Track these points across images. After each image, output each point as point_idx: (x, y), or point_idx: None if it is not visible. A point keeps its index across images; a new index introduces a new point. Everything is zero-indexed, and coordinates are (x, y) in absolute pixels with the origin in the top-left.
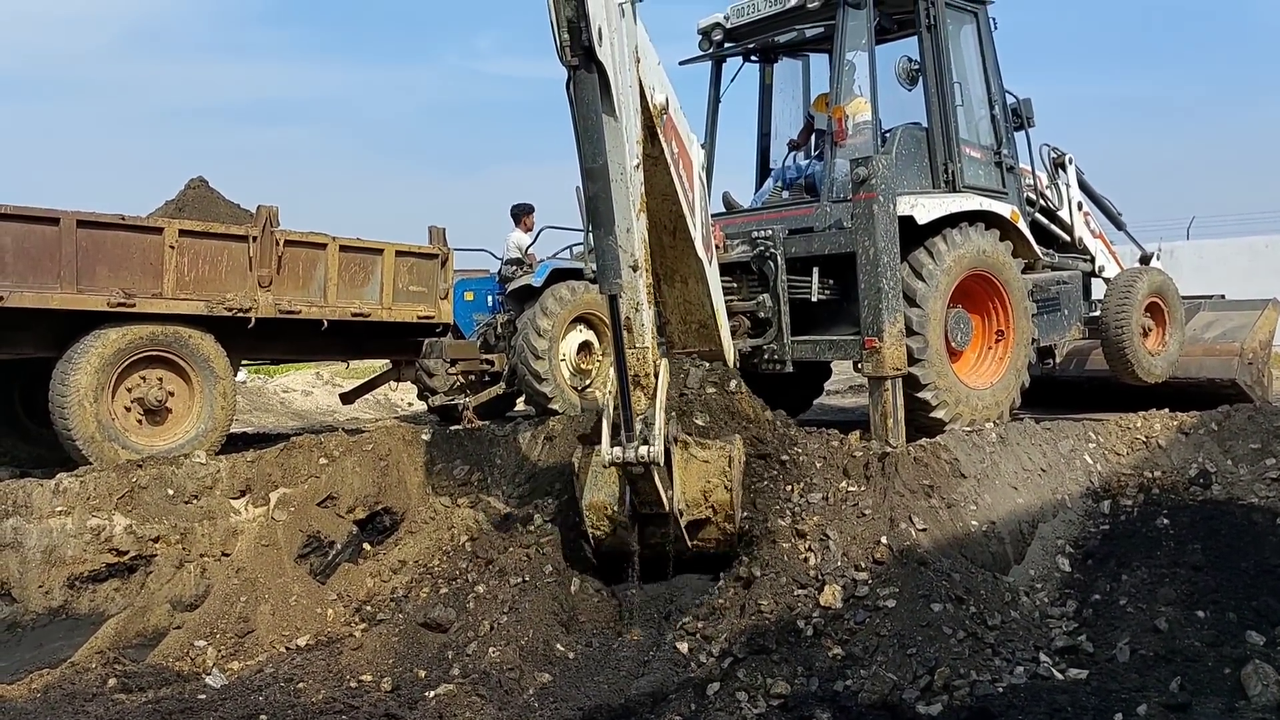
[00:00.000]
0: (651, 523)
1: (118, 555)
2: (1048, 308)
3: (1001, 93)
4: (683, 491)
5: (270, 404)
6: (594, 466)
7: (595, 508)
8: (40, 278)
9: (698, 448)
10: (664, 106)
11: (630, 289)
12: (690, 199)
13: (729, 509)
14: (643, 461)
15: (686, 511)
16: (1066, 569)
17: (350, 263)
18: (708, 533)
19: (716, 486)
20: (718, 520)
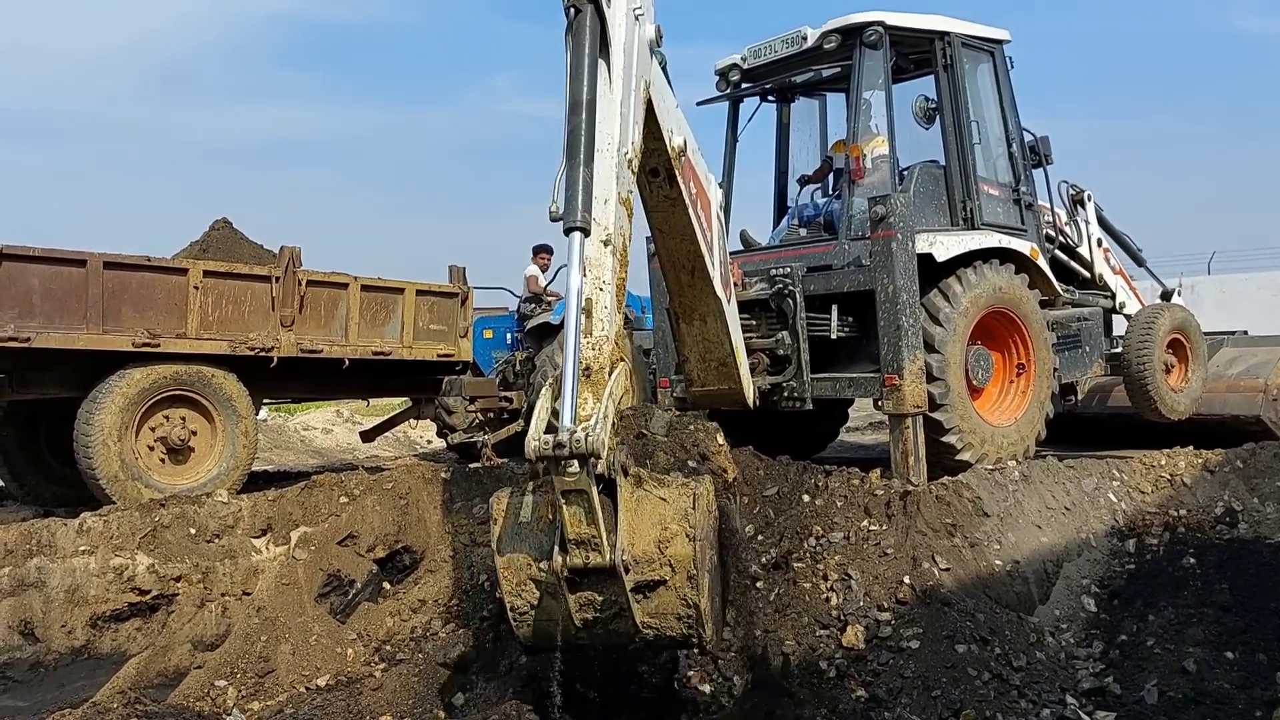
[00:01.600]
0: (589, 586)
1: (140, 594)
2: (1069, 345)
3: (1019, 130)
4: (630, 540)
5: (291, 442)
6: (514, 510)
7: (514, 567)
8: (67, 319)
9: (654, 484)
10: (682, 149)
11: (597, 254)
12: (709, 238)
13: (690, 569)
14: (578, 452)
15: (634, 568)
16: (1092, 609)
17: (371, 302)
18: (663, 602)
19: (676, 535)
20: (675, 583)
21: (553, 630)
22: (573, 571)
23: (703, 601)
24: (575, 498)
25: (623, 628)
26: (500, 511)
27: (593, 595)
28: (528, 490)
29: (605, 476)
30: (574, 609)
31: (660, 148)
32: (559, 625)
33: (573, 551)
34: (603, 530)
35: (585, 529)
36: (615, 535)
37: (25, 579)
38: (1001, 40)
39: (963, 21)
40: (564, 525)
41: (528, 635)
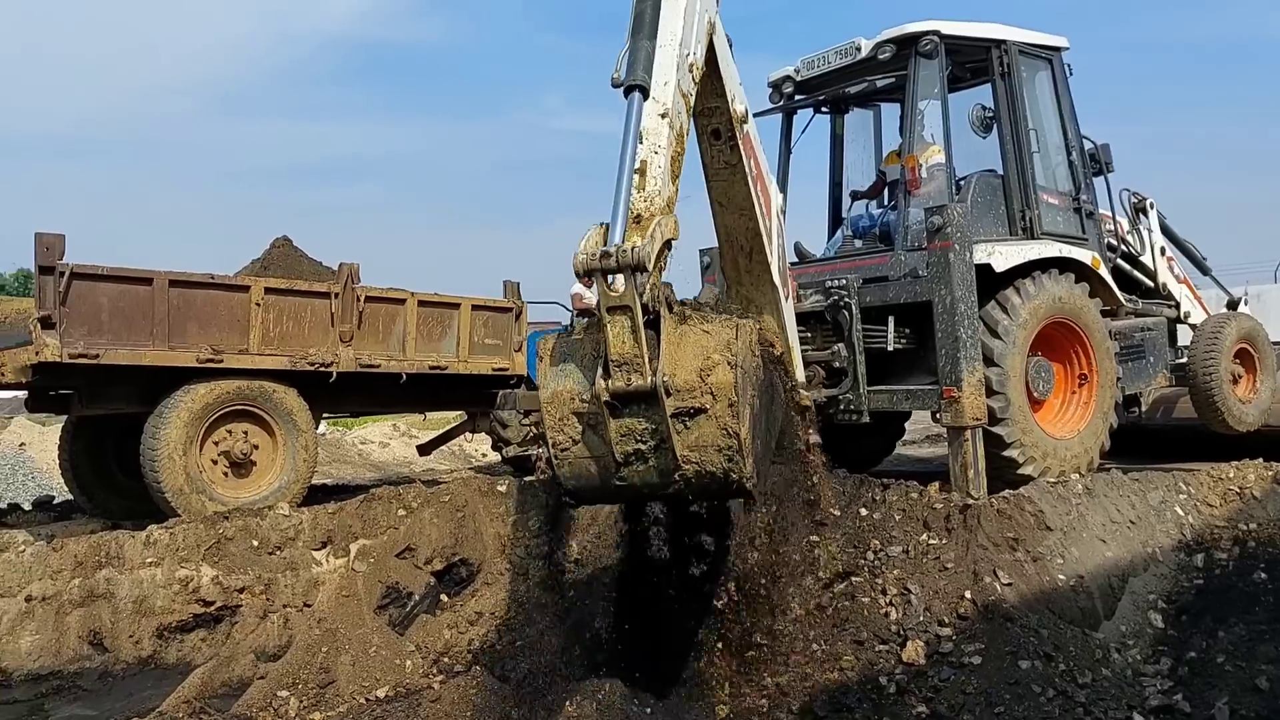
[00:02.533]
0: (630, 413)
1: (204, 606)
2: (1132, 355)
3: (1079, 138)
4: (672, 370)
5: (349, 455)
6: (561, 348)
7: (558, 399)
8: (134, 335)
9: (698, 319)
10: (744, 117)
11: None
12: (767, 225)
13: (732, 395)
14: (625, 264)
15: (675, 395)
16: (1159, 625)
17: (428, 317)
18: (704, 433)
19: (718, 364)
20: (716, 411)
21: (593, 470)
22: (614, 396)
23: (743, 431)
24: (619, 315)
25: (663, 463)
26: (547, 350)
27: (634, 424)
28: (575, 331)
29: (650, 310)
30: (614, 439)
31: (723, 107)
32: (600, 463)
33: (615, 375)
34: (645, 350)
35: (629, 348)
36: (658, 361)
37: (95, 590)
38: (1059, 47)
39: (1020, 29)
40: (607, 346)
41: (568, 474)
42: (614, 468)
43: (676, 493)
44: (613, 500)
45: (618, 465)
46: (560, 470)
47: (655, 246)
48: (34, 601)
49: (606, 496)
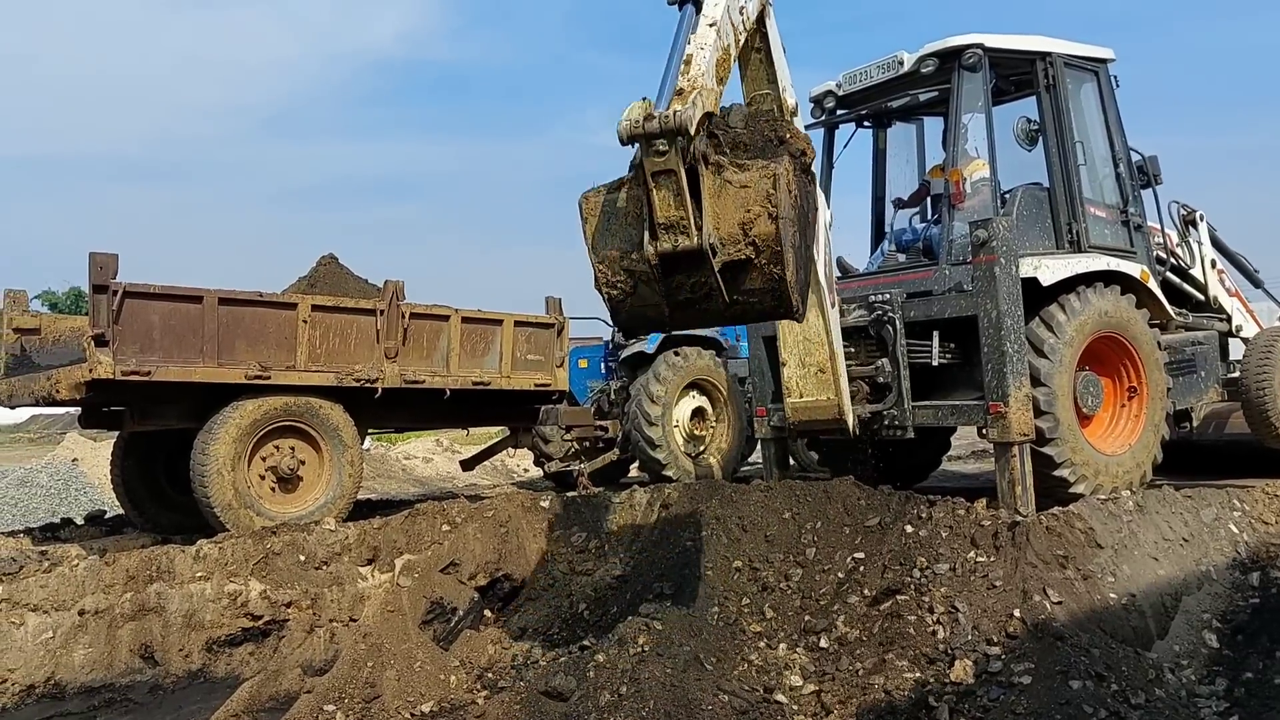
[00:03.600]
0: (680, 270)
1: (253, 620)
2: (1183, 369)
3: (1126, 150)
4: (715, 225)
5: (393, 471)
6: (605, 209)
7: (609, 261)
8: (184, 353)
9: (734, 170)
10: (794, 110)
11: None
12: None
13: (775, 245)
14: (667, 128)
15: (721, 250)
16: (1214, 645)
17: (471, 333)
18: (751, 281)
19: (759, 216)
20: (761, 262)
21: (649, 314)
22: (662, 258)
23: (789, 274)
24: (665, 180)
25: (713, 307)
26: (591, 211)
27: (683, 279)
28: (616, 189)
29: (690, 165)
30: (666, 293)
31: (774, 94)
32: (654, 309)
33: (662, 237)
34: (690, 212)
35: (674, 212)
36: (703, 220)
37: (146, 604)
38: (1105, 59)
39: (1066, 41)
40: (654, 210)
41: (626, 323)
42: (669, 313)
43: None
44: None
45: (671, 310)
46: (618, 319)
47: (697, 112)
48: (87, 615)
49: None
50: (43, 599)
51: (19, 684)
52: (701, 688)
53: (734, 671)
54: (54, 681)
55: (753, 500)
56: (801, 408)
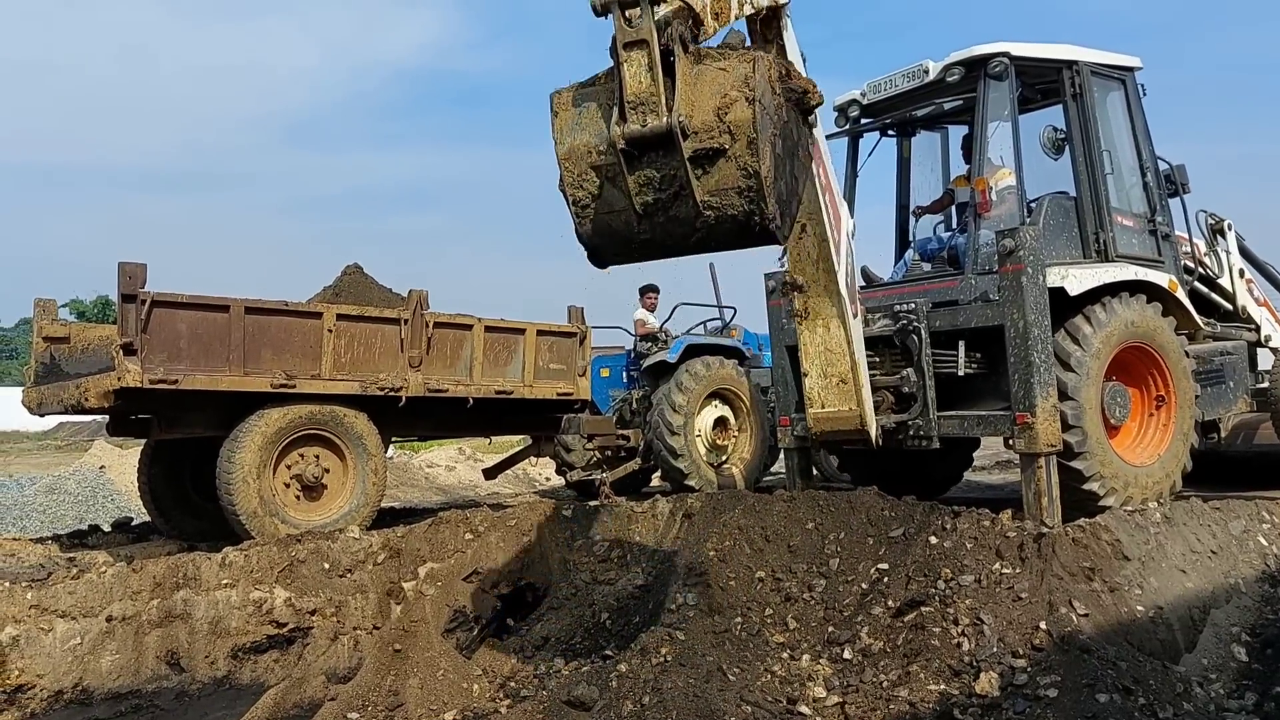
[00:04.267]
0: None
1: (277, 627)
2: (1211, 380)
3: (1153, 159)
4: (690, 110)
5: (415, 479)
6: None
7: (575, 154)
8: (211, 361)
9: (715, 58)
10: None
11: None
12: (835, 237)
13: (750, 132)
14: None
15: (693, 136)
16: (1243, 658)
17: (494, 342)
18: (724, 175)
19: (735, 101)
20: (735, 151)
21: (615, 225)
22: (630, 142)
23: (764, 168)
24: (636, 50)
25: (685, 212)
26: (562, 104)
27: (652, 173)
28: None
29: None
30: (634, 190)
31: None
32: (621, 217)
33: (630, 117)
34: (661, 88)
35: (645, 87)
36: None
37: (172, 611)
38: (1132, 68)
39: (1092, 50)
40: (624, 86)
41: (590, 232)
42: (636, 221)
43: (699, 243)
44: (637, 257)
45: (639, 218)
46: (582, 229)
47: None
48: (114, 622)
49: (630, 253)
50: (71, 605)
51: (47, 689)
52: (725, 698)
53: (757, 682)
54: (82, 687)
55: (776, 510)
56: (823, 418)
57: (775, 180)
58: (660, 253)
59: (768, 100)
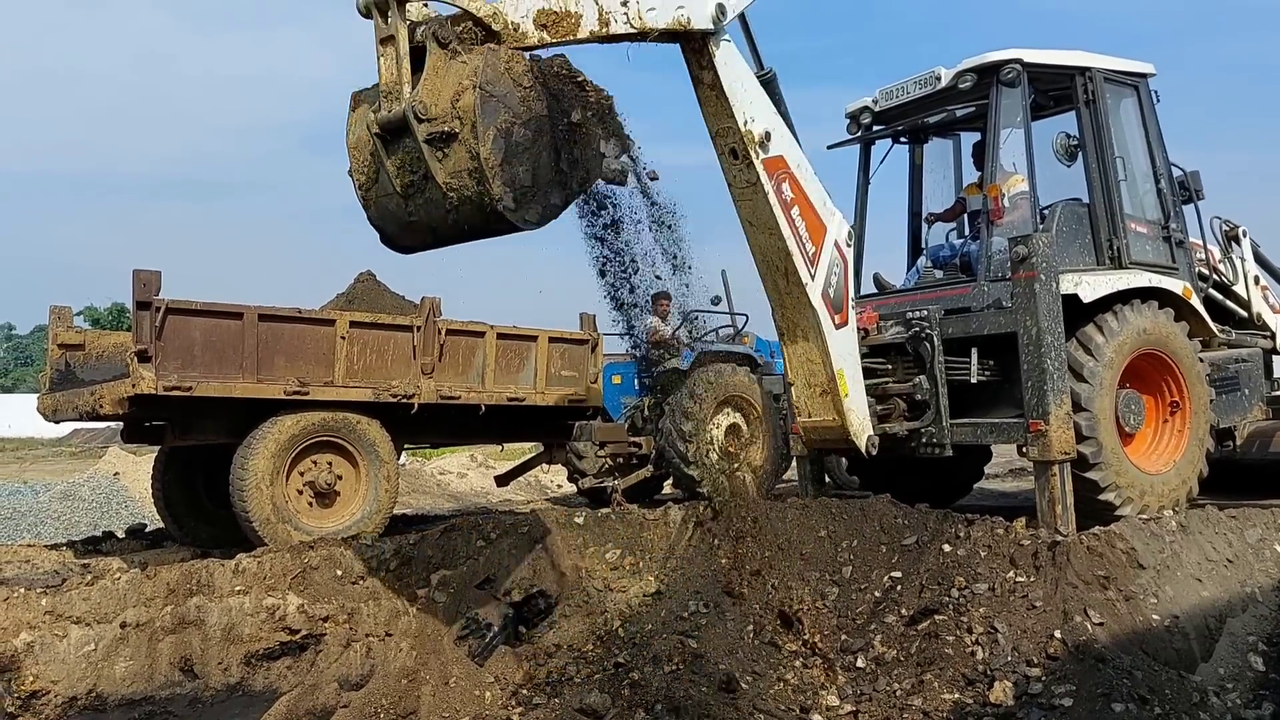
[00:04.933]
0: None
1: (290, 634)
2: (1226, 387)
3: (1167, 166)
4: (432, 99)
5: (427, 486)
6: (366, 99)
7: (358, 144)
8: (224, 368)
9: (466, 52)
10: (763, 139)
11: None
12: (806, 249)
13: (472, 116)
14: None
15: (428, 121)
16: (1260, 668)
17: (506, 349)
18: (457, 158)
19: (465, 89)
20: (464, 135)
21: (390, 207)
22: (382, 127)
23: (484, 150)
24: (388, 45)
25: (435, 194)
26: (355, 101)
27: (404, 156)
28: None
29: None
30: (393, 173)
31: (734, 127)
32: (393, 199)
33: (382, 105)
34: (404, 78)
35: (392, 77)
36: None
37: (186, 617)
38: (1145, 74)
39: (1105, 56)
40: (380, 78)
41: (374, 215)
42: (403, 203)
43: (457, 225)
44: (419, 242)
45: (403, 199)
46: (368, 213)
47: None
48: (128, 628)
49: (412, 236)
50: (85, 611)
51: (62, 695)
52: (737, 706)
53: (770, 691)
54: (95, 693)
55: (788, 518)
56: (810, 427)
57: (503, 164)
58: (433, 236)
59: (502, 90)
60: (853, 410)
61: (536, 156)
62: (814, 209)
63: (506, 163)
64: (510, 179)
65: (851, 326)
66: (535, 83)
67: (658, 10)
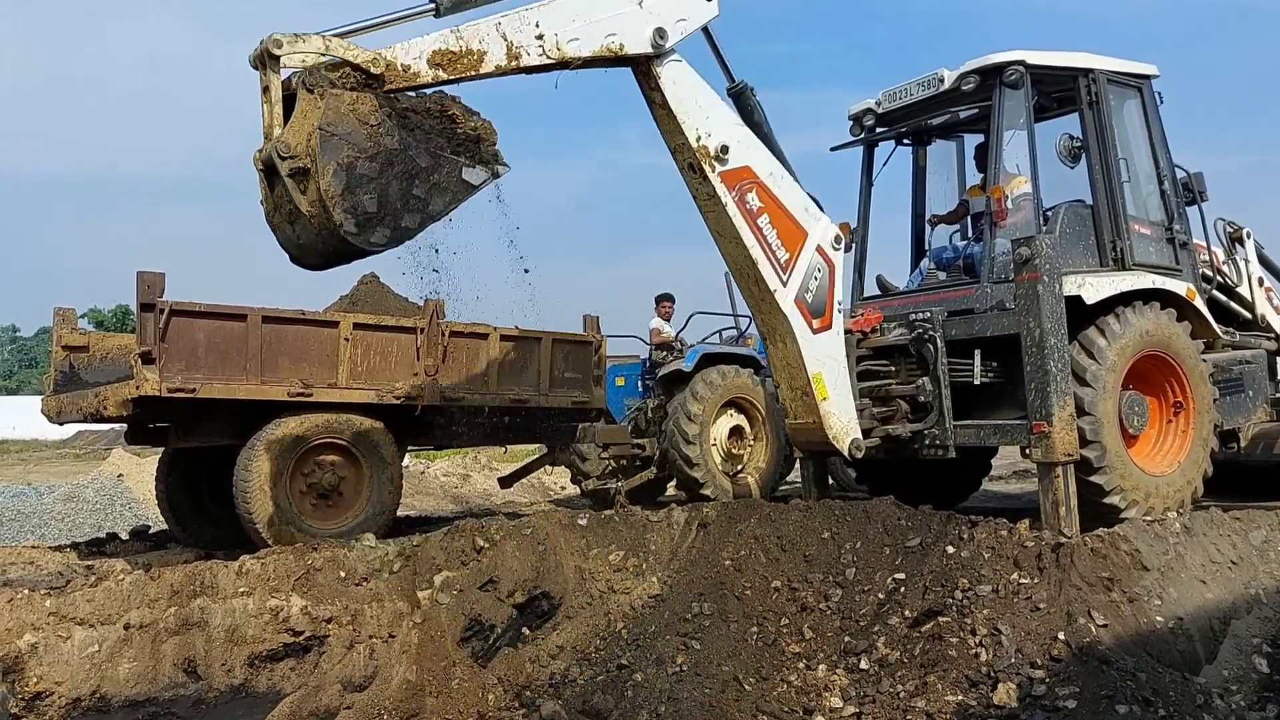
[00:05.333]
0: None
1: (294, 635)
2: (1231, 389)
3: (1170, 167)
4: (295, 139)
5: (431, 488)
6: None
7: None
8: (228, 370)
9: (332, 98)
10: (717, 153)
11: None
12: (775, 257)
13: (312, 151)
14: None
15: (289, 159)
16: (1265, 670)
17: (510, 351)
18: (311, 191)
19: (313, 130)
20: (312, 169)
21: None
22: (264, 164)
23: (323, 183)
24: (265, 95)
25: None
26: None
27: (280, 190)
28: None
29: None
30: (276, 204)
31: (687, 144)
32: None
33: (262, 146)
34: (275, 122)
35: (268, 122)
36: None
37: (190, 618)
38: (1149, 75)
39: (1108, 57)
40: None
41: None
42: (290, 229)
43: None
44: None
45: (290, 225)
46: (278, 236)
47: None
48: (132, 629)
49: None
50: (89, 613)
51: (65, 697)
52: (740, 708)
53: (773, 692)
54: (99, 695)
55: (791, 519)
56: (796, 428)
57: (344, 194)
58: (321, 259)
59: (345, 129)
60: (832, 413)
61: (385, 186)
62: (789, 215)
63: (349, 192)
64: (352, 207)
65: (836, 330)
66: (386, 119)
67: (581, 40)
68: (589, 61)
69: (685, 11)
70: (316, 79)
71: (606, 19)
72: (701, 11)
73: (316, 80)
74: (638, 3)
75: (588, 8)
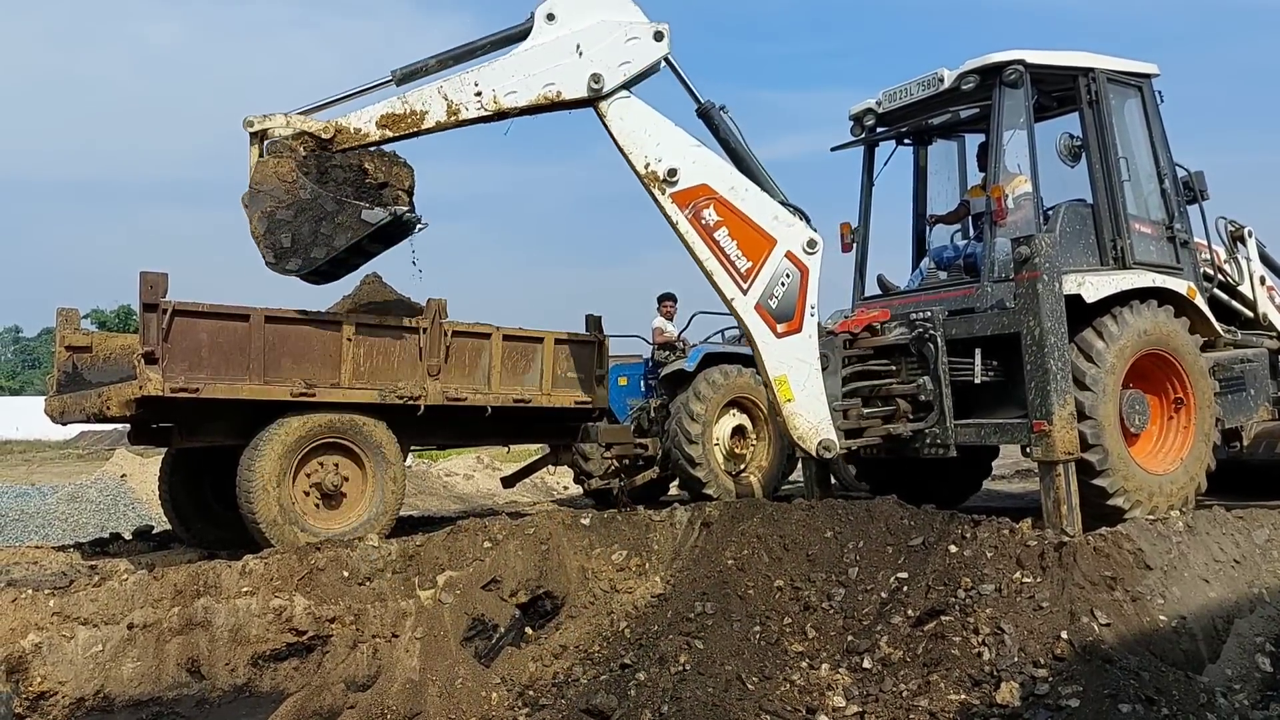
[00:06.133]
0: None
1: (297, 635)
2: (1232, 387)
3: (1171, 166)
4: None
5: (434, 488)
6: None
7: None
8: (231, 370)
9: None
10: (661, 178)
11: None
12: (731, 267)
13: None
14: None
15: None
16: (1267, 669)
17: (513, 351)
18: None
19: None
20: None
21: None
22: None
23: (251, 227)
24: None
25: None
26: None
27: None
28: None
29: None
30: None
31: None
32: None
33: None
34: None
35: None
36: None
37: (193, 618)
38: (1149, 74)
39: (1108, 57)
40: None
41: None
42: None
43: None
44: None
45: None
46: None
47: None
48: (135, 629)
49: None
50: (93, 613)
51: (69, 697)
52: (743, 707)
53: (776, 692)
54: (103, 694)
55: (794, 519)
56: (779, 424)
57: (265, 234)
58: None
59: (269, 186)
60: (798, 414)
61: (298, 227)
62: (752, 225)
63: (270, 233)
64: (272, 244)
65: (806, 333)
66: (302, 177)
67: (519, 93)
68: (526, 110)
69: (629, 55)
70: (276, 146)
71: (544, 71)
72: (648, 52)
73: (275, 148)
74: (577, 53)
75: (527, 63)
